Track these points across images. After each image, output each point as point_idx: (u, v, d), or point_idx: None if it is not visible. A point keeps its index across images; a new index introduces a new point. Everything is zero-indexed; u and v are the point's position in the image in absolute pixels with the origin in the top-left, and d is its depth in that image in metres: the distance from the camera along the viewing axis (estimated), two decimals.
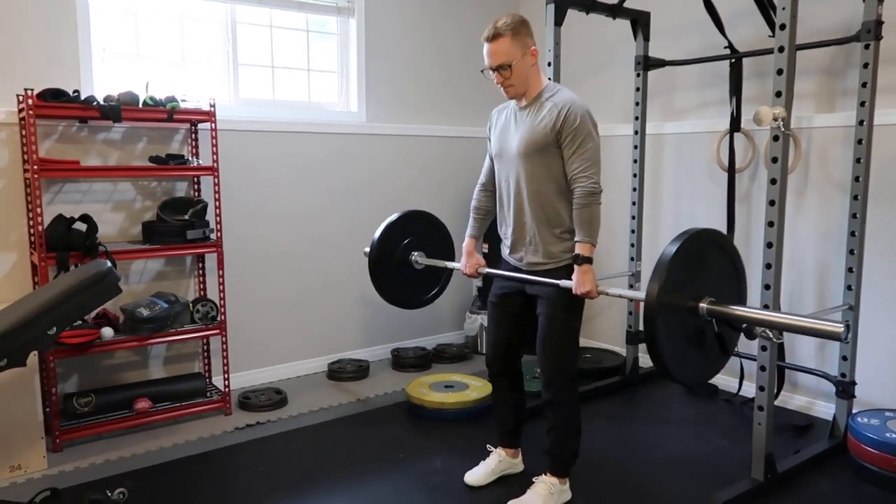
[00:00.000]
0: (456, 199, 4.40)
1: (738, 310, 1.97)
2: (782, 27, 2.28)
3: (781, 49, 2.29)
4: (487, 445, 2.67)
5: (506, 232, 2.48)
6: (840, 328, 1.75)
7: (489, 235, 2.78)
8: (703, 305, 1.98)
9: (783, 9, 2.28)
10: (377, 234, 2.94)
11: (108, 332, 2.94)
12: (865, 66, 2.68)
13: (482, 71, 2.36)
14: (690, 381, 2.04)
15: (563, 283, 2.27)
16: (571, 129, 2.22)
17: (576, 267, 2.25)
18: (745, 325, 2.39)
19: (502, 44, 2.24)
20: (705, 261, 2.01)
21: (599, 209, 2.26)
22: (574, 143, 2.23)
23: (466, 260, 2.63)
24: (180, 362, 3.48)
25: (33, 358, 2.57)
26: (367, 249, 2.96)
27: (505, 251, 2.51)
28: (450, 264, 2.91)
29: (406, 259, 2.97)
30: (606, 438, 3.02)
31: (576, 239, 2.27)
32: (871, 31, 2.65)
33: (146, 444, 2.93)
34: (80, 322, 2.84)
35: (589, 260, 2.24)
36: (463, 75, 4.34)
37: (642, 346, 3.80)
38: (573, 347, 2.38)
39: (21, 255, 3.01)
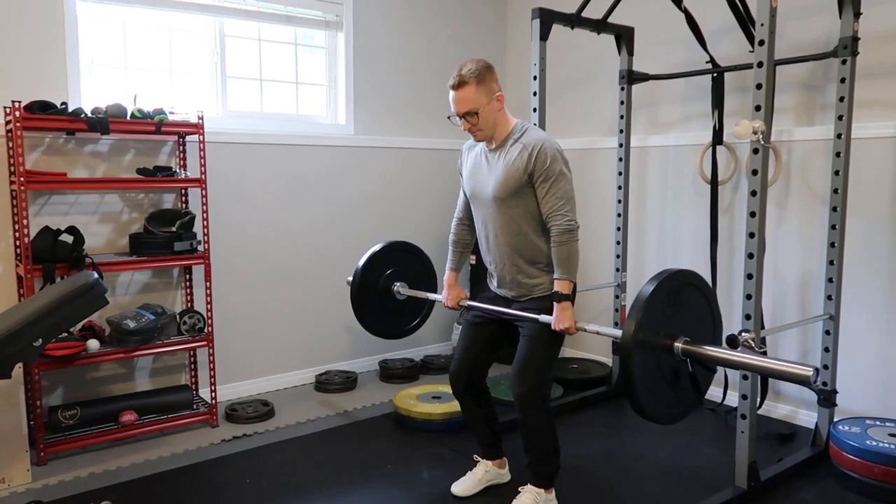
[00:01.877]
0: (444, 212, 4.43)
1: (713, 351, 1.99)
2: (761, 43, 2.33)
3: (760, 64, 2.34)
4: (474, 456, 2.68)
5: (489, 265, 2.53)
6: (809, 372, 1.77)
7: (475, 248, 2.81)
8: (678, 345, 2.00)
9: (762, 25, 2.33)
10: (360, 263, 2.96)
11: (93, 344, 2.93)
12: (843, 80, 2.75)
13: (449, 117, 2.41)
14: (664, 419, 2.06)
15: (543, 318, 2.31)
16: (543, 169, 2.27)
17: (555, 304, 2.28)
18: (728, 337, 2.43)
19: (468, 91, 2.30)
20: (682, 301, 2.04)
21: (577, 246, 2.30)
22: (547, 182, 2.28)
23: (448, 292, 2.68)
24: (167, 374, 3.47)
25: (18, 370, 2.56)
26: (350, 279, 2.99)
27: (490, 280, 2.56)
28: (431, 296, 2.93)
29: (388, 289, 2.99)
30: (592, 448, 3.04)
31: (554, 276, 2.31)
32: (848, 47, 2.71)
33: (132, 456, 2.91)
34: (66, 334, 2.83)
35: (568, 297, 2.28)
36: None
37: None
38: (549, 373, 2.40)
39: (6, 267, 3.00)
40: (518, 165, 2.30)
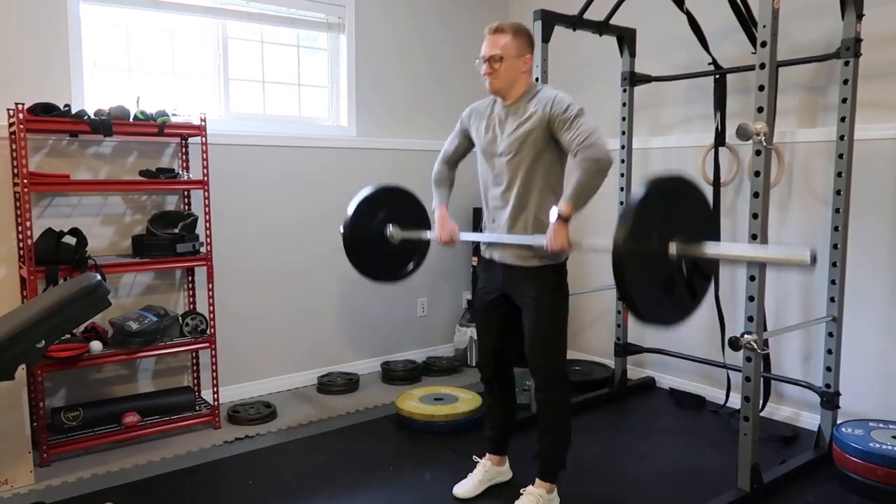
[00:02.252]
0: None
1: (708, 247, 1.95)
2: (763, 44, 2.33)
3: (763, 66, 2.34)
4: (473, 457, 2.68)
5: (491, 222, 2.47)
6: (805, 254, 1.72)
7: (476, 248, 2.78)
8: (672, 247, 1.95)
9: (764, 26, 2.33)
10: (350, 209, 2.86)
11: (96, 345, 2.93)
12: (845, 82, 2.75)
13: (475, 60, 2.42)
14: (662, 323, 2.03)
15: (536, 239, 2.26)
16: (563, 112, 2.25)
17: (551, 223, 2.22)
18: (730, 339, 2.43)
19: (501, 38, 2.34)
20: (674, 204, 1.99)
21: (598, 179, 2.19)
22: (567, 121, 2.24)
23: (440, 227, 2.60)
24: (169, 376, 3.47)
25: (21, 371, 2.56)
26: (341, 228, 2.90)
27: (488, 247, 2.50)
28: (425, 234, 2.84)
29: (381, 233, 2.90)
30: (595, 450, 3.03)
31: (563, 197, 2.24)
32: (851, 49, 2.71)
33: (134, 458, 2.91)
34: (69, 336, 2.83)
35: (566, 218, 2.20)
36: (453, 90, 4.38)
37: (631, 359, 3.84)
38: (562, 347, 2.41)
39: (10, 269, 3.01)
40: (533, 116, 2.29)
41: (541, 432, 2.44)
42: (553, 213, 2.22)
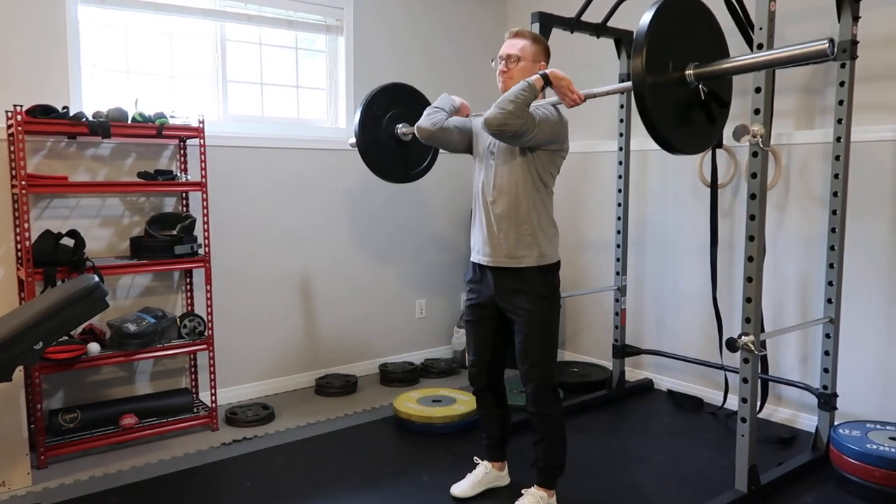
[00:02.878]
0: (445, 214, 4.44)
1: (724, 63, 1.98)
2: (760, 46, 2.34)
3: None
4: (475, 458, 2.68)
5: (476, 235, 2.48)
6: (824, 44, 1.75)
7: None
8: (689, 71, 1.99)
9: (761, 29, 2.34)
10: (359, 109, 2.89)
11: (94, 347, 2.93)
12: (842, 84, 2.75)
13: (492, 60, 2.47)
14: (688, 149, 2.10)
15: (550, 98, 2.29)
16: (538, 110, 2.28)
17: (549, 77, 2.23)
18: (728, 340, 2.43)
19: (521, 41, 2.41)
20: (683, 27, 2.01)
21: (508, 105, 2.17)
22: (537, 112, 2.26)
23: (452, 99, 2.64)
24: (167, 378, 3.47)
25: (19, 373, 2.56)
26: (353, 139, 2.95)
27: (477, 251, 2.49)
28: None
29: (392, 132, 2.92)
30: (593, 451, 3.04)
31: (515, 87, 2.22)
32: (847, 51, 2.72)
33: (132, 460, 2.91)
34: (66, 337, 2.83)
35: (546, 77, 2.23)
36: (452, 92, 4.37)
37: (629, 360, 3.84)
38: (552, 358, 2.41)
39: (8, 271, 3.01)
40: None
41: (535, 443, 2.44)
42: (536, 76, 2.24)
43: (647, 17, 1.94)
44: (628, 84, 1.99)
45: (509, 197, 2.36)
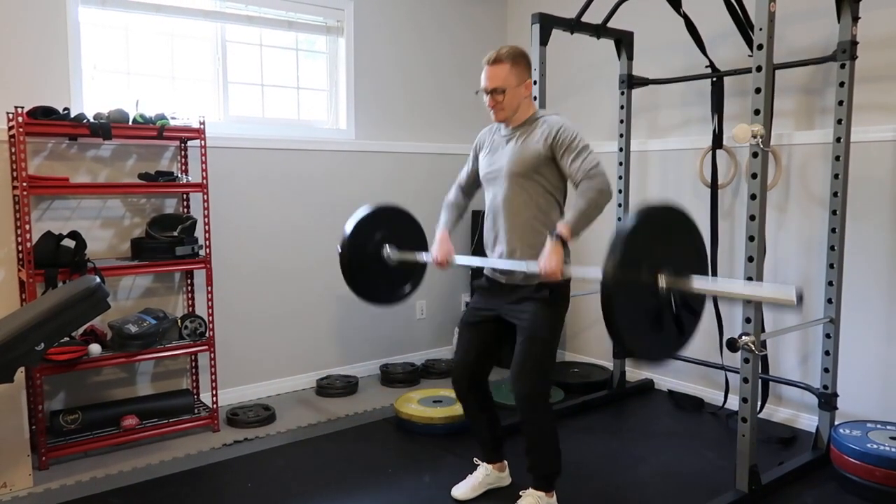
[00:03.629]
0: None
1: (696, 282, 1.93)
2: (760, 47, 2.34)
3: (759, 68, 2.35)
4: (474, 459, 2.68)
5: (494, 246, 2.50)
6: (792, 295, 1.72)
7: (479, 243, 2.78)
8: (661, 279, 1.94)
9: (761, 29, 2.34)
10: (348, 228, 2.83)
11: (95, 348, 2.93)
12: (842, 84, 2.76)
13: (476, 92, 2.45)
14: (651, 358, 2.02)
15: (529, 265, 2.26)
16: (567, 140, 2.28)
17: (548, 241, 2.22)
18: (728, 340, 2.44)
19: (501, 69, 2.35)
20: (664, 236, 1.98)
21: (597, 209, 2.22)
22: (573, 150, 2.27)
23: (438, 247, 2.58)
24: (168, 379, 3.47)
25: (20, 374, 2.56)
26: (339, 248, 2.88)
27: (487, 270, 2.53)
28: (421, 256, 2.80)
29: (378, 254, 2.87)
30: (594, 452, 3.04)
31: (562, 220, 2.27)
32: (847, 51, 2.72)
33: (133, 461, 2.91)
34: (68, 338, 2.83)
35: (562, 239, 2.21)
36: (452, 93, 4.39)
37: (630, 361, 3.84)
38: (548, 371, 2.40)
39: (9, 272, 3.01)
40: (538, 140, 2.32)
41: (526, 450, 2.42)
42: (550, 234, 2.24)
43: (628, 221, 1.92)
44: (598, 272, 1.91)
45: (521, 219, 2.37)
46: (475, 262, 2.51)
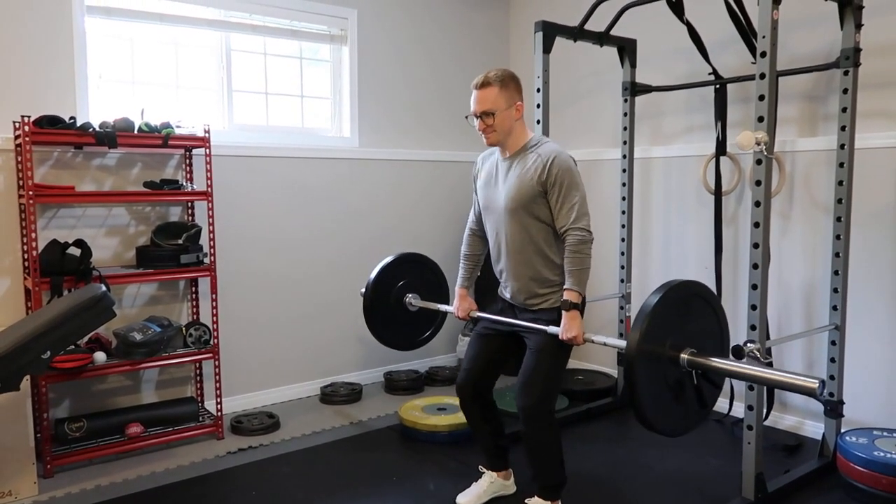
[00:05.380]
0: (450, 223, 4.45)
1: (718, 362, 1.99)
2: (763, 54, 2.35)
3: (763, 76, 2.35)
4: (479, 466, 2.68)
5: (501, 274, 2.54)
6: (815, 384, 1.78)
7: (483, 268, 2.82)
8: (683, 356, 2.00)
9: (764, 37, 2.35)
10: (372, 276, 2.98)
11: (100, 356, 2.94)
12: (845, 91, 2.76)
13: (466, 117, 2.46)
14: (668, 431, 2.06)
15: (551, 329, 2.32)
16: (557, 180, 2.30)
17: (563, 313, 2.29)
18: (733, 347, 2.43)
19: (490, 92, 2.34)
20: (688, 311, 2.04)
21: (589, 259, 2.33)
22: (560, 193, 2.30)
23: (459, 303, 2.71)
24: (173, 386, 3.48)
25: (25, 382, 2.57)
26: (363, 290, 3.02)
27: (502, 290, 2.56)
28: (443, 307, 2.94)
29: (401, 301, 3.01)
30: (599, 459, 3.03)
31: (565, 286, 2.33)
32: (850, 58, 2.73)
33: (138, 469, 2.91)
34: (73, 346, 2.84)
35: (577, 306, 2.29)
36: (454, 101, 4.40)
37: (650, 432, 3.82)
38: (555, 386, 2.41)
39: (15, 280, 3.02)
40: (532, 175, 2.32)
41: (529, 461, 2.42)
42: (563, 305, 2.30)
43: (654, 297, 1.96)
44: (622, 343, 1.99)
45: (525, 254, 2.40)
46: (495, 317, 2.55)
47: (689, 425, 2.10)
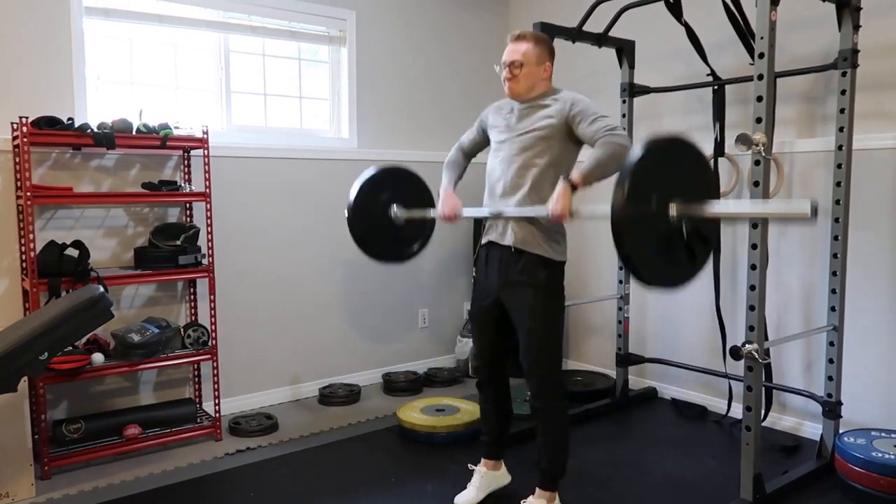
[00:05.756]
0: (450, 224, 4.44)
1: (708, 207, 1.94)
2: (761, 56, 2.35)
3: (761, 77, 2.36)
4: (469, 465, 2.68)
5: (492, 221, 2.49)
6: (806, 206, 1.71)
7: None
8: (672, 209, 1.93)
9: (762, 38, 2.35)
10: (354, 190, 2.86)
11: (98, 357, 2.94)
12: (843, 92, 2.76)
13: (496, 66, 2.47)
14: (665, 286, 2.04)
15: (538, 209, 2.27)
16: (583, 109, 2.30)
17: (558, 186, 2.21)
18: (731, 348, 2.43)
19: (523, 44, 2.40)
20: (673, 165, 1.98)
21: (617, 163, 2.11)
22: (591, 118, 2.28)
23: (444, 202, 2.59)
24: (171, 388, 3.47)
25: (23, 384, 2.56)
26: (346, 210, 2.92)
27: (492, 229, 2.49)
28: (429, 213, 2.83)
29: (385, 214, 2.90)
30: (598, 460, 3.03)
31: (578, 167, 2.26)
32: (848, 59, 2.73)
33: (136, 470, 2.91)
34: (71, 348, 2.83)
35: (574, 186, 2.19)
36: (453, 102, 4.41)
37: (632, 369, 3.84)
38: (557, 355, 2.41)
39: (12, 282, 3.01)
40: (553, 112, 2.34)
41: (539, 444, 2.44)
42: (563, 178, 2.21)
43: (636, 152, 1.91)
44: (607, 211, 1.90)
45: (526, 189, 2.36)
46: (483, 212, 2.49)
47: (682, 281, 2.06)
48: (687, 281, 2.06)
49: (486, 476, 2.63)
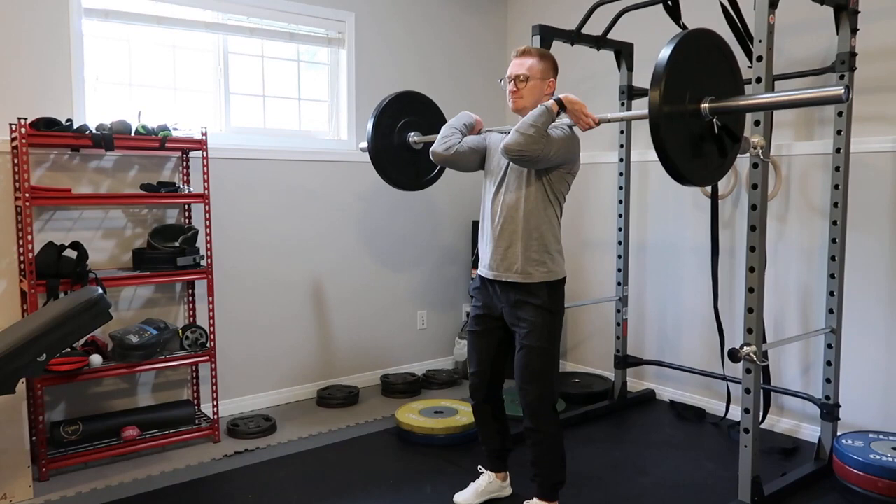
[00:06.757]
0: (448, 226, 4.45)
1: (739, 100, 2.02)
2: (759, 59, 2.36)
3: (759, 80, 2.36)
4: (479, 467, 2.68)
5: (484, 250, 2.50)
6: (840, 90, 1.79)
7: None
8: (704, 105, 2.02)
9: (760, 41, 2.36)
10: (372, 117, 2.96)
11: (96, 359, 2.93)
12: None
13: (500, 80, 2.49)
14: (699, 181, 2.14)
15: (562, 117, 2.29)
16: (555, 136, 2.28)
17: (564, 102, 2.24)
18: (730, 350, 2.43)
19: (528, 59, 2.41)
20: (700, 61, 2.04)
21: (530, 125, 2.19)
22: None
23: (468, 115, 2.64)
24: (169, 389, 3.47)
25: (21, 385, 2.56)
26: (365, 144, 3.02)
27: (481, 267, 2.51)
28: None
29: (404, 141, 3.00)
30: (596, 462, 3.03)
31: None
32: (846, 63, 2.74)
33: (134, 472, 2.91)
34: (69, 349, 2.83)
35: (560, 103, 2.24)
36: (452, 104, 4.39)
37: (631, 371, 3.84)
38: (553, 376, 2.41)
39: (11, 283, 3.01)
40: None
41: (532, 459, 2.43)
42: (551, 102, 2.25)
43: (667, 50, 1.96)
44: (644, 112, 2.01)
45: (520, 214, 2.37)
46: (495, 131, 2.54)
47: (718, 173, 2.18)
48: (719, 175, 2.16)
49: (493, 482, 2.63)
